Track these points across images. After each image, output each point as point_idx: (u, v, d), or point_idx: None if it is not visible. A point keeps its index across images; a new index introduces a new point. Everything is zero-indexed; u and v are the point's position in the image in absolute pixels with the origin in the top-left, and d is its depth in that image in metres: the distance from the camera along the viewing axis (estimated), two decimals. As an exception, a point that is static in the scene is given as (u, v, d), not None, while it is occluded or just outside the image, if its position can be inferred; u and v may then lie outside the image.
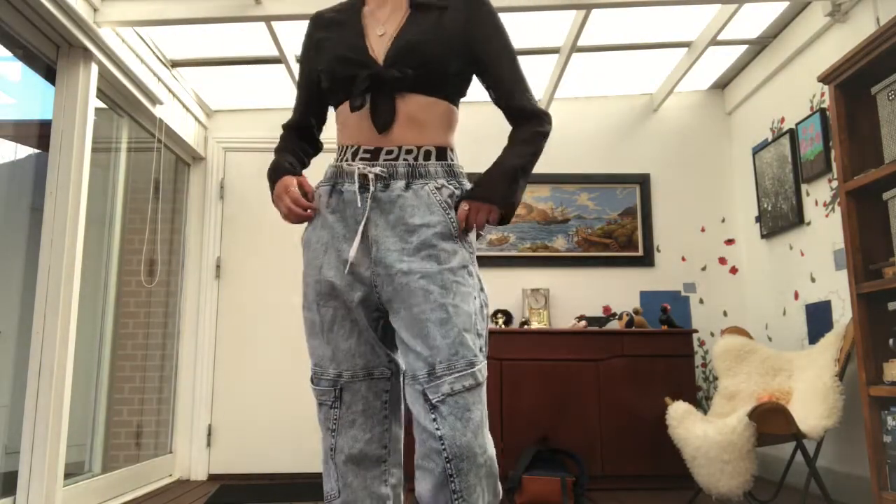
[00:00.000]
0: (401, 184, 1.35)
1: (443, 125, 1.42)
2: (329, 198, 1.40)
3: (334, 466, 1.37)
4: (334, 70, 1.40)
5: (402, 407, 1.45)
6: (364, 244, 1.34)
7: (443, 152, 1.41)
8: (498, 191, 1.37)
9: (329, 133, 1.60)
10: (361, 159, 1.37)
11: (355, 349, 1.36)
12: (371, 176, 1.33)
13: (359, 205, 1.34)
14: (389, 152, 1.36)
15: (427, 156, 1.38)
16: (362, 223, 1.32)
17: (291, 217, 1.44)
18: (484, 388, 1.31)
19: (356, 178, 1.35)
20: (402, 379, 1.43)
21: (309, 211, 1.43)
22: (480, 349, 1.31)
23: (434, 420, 1.24)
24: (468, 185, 1.43)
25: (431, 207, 1.34)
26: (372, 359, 1.38)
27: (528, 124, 1.48)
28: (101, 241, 3.51)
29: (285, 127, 1.64)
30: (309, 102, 1.57)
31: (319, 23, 1.51)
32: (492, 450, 1.27)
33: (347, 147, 1.42)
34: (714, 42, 3.70)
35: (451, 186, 1.38)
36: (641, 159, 4.46)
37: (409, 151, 1.37)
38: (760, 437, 2.72)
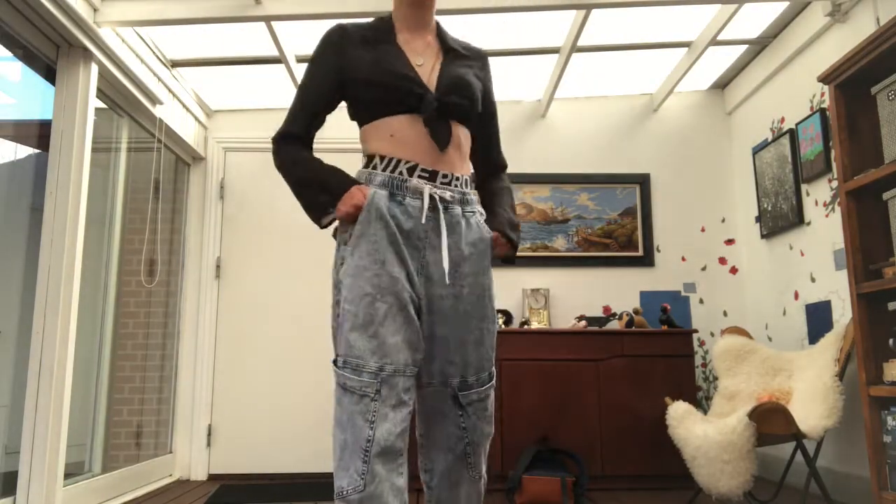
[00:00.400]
0: (458, 209, 1.49)
1: (468, 158, 1.59)
2: (388, 203, 1.45)
3: (362, 458, 1.33)
4: (393, 85, 1.47)
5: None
6: (421, 256, 1.45)
7: (472, 182, 1.58)
8: (517, 235, 1.60)
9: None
10: (419, 177, 1.46)
11: (401, 344, 1.40)
12: (437, 197, 1.45)
13: (423, 223, 1.44)
14: (445, 176, 1.48)
15: (467, 184, 1.54)
16: (444, 239, 1.43)
17: (349, 217, 1.47)
18: (493, 389, 1.58)
19: (425, 196, 1.44)
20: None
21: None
22: (493, 359, 1.56)
23: (461, 416, 1.50)
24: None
25: (482, 237, 1.51)
26: (411, 355, 1.42)
27: (502, 178, 1.71)
28: (101, 241, 3.51)
29: (289, 138, 1.65)
30: (317, 113, 1.62)
31: (348, 37, 1.56)
32: (492, 430, 1.59)
33: (401, 161, 1.47)
34: (714, 42, 3.70)
35: (482, 216, 1.56)
36: (641, 159, 4.46)
37: (457, 178, 1.51)
38: (760, 437, 2.72)
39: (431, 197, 1.44)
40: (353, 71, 1.52)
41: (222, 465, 4.11)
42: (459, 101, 1.48)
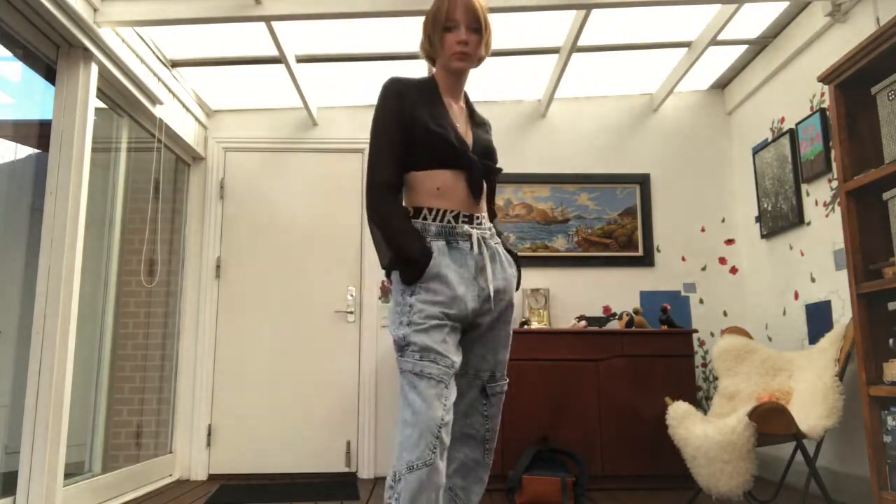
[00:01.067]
0: (492, 242, 1.82)
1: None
2: (447, 251, 1.75)
3: (432, 435, 1.58)
4: (450, 145, 1.74)
5: None
6: (477, 283, 1.77)
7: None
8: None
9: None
10: (463, 222, 1.77)
11: (458, 354, 1.73)
12: (479, 237, 1.78)
13: (475, 256, 1.77)
14: (478, 218, 1.80)
15: (488, 220, 1.85)
16: (488, 269, 1.77)
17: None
18: None
19: (474, 239, 1.77)
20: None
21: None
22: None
23: (484, 405, 1.83)
24: None
25: (510, 262, 1.87)
26: (459, 362, 1.73)
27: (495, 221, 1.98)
28: (101, 241, 3.51)
29: (388, 187, 1.78)
30: (401, 159, 1.78)
31: (406, 89, 1.80)
32: None
33: (448, 211, 1.77)
34: (714, 42, 3.70)
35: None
36: (641, 159, 4.46)
37: (485, 218, 1.84)
38: (760, 437, 2.72)
39: (478, 238, 1.78)
40: (416, 121, 1.75)
41: (222, 465, 4.11)
42: (493, 166, 1.83)
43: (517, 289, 1.90)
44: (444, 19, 1.79)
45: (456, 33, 1.79)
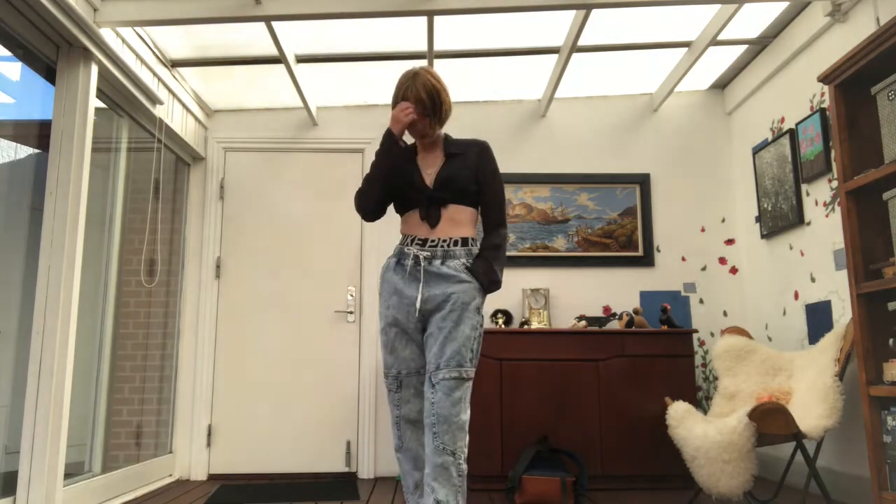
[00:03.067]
0: (438, 262, 2.19)
1: (470, 223, 2.28)
2: (395, 266, 2.23)
3: (398, 428, 2.19)
4: (409, 194, 2.25)
5: None
6: (413, 290, 2.18)
7: (466, 241, 2.24)
8: (486, 284, 2.25)
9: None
10: (415, 245, 2.21)
11: (409, 356, 2.19)
12: (421, 256, 2.19)
13: (412, 274, 2.19)
14: (433, 242, 2.20)
15: (455, 244, 2.21)
16: (420, 284, 2.17)
17: (405, 117, 2.19)
18: (469, 382, 2.12)
19: (411, 256, 2.20)
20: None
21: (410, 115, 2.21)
22: (470, 360, 2.13)
23: (431, 392, 2.10)
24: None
25: (457, 271, 2.18)
26: (419, 361, 2.20)
27: (498, 233, 2.30)
28: (101, 241, 3.51)
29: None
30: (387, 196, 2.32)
31: (404, 156, 2.28)
32: (462, 416, 2.07)
33: (408, 236, 2.24)
34: (714, 42, 3.70)
35: (468, 263, 2.22)
36: (641, 159, 4.46)
37: (444, 241, 2.20)
38: (760, 437, 2.72)
39: (415, 256, 2.19)
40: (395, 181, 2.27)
41: (222, 465, 4.11)
42: (441, 195, 2.21)
43: (486, 288, 2.21)
44: (399, 102, 2.25)
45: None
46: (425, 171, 2.27)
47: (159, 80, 3.73)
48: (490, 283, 2.21)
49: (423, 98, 2.22)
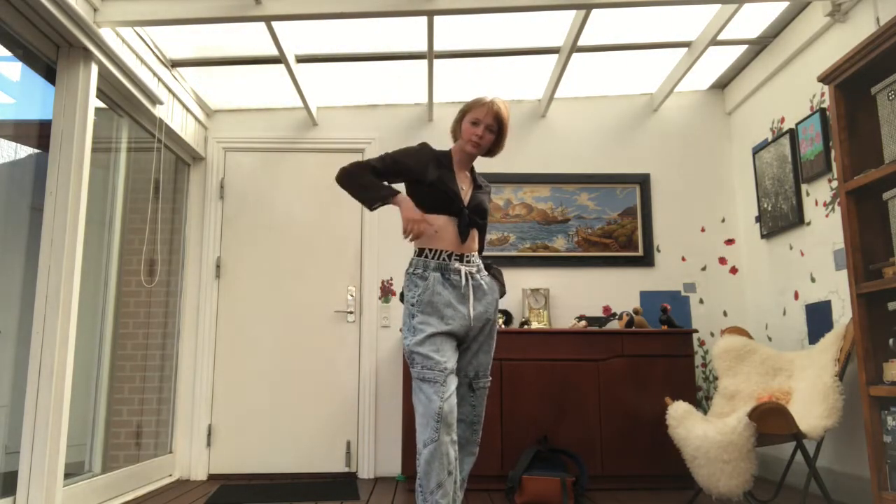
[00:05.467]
0: (478, 276, 2.39)
1: (478, 244, 2.49)
2: (443, 281, 2.32)
3: (434, 420, 2.14)
4: (449, 199, 2.35)
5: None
6: (465, 307, 2.34)
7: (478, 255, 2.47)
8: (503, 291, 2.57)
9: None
10: (455, 259, 2.34)
11: (453, 358, 2.27)
12: (467, 272, 2.35)
13: (463, 290, 2.33)
14: (467, 257, 2.37)
15: (476, 257, 2.41)
16: (471, 297, 2.34)
17: (418, 232, 2.29)
18: None
19: (463, 275, 2.34)
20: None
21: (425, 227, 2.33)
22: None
23: (472, 397, 2.38)
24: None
25: (492, 287, 2.43)
26: (456, 364, 2.31)
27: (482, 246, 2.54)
28: (101, 241, 3.51)
29: (356, 165, 2.41)
30: (377, 170, 2.38)
31: (433, 155, 2.43)
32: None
33: (442, 251, 2.34)
34: (714, 42, 3.70)
35: (488, 275, 2.46)
36: (641, 159, 4.46)
37: (473, 255, 2.40)
38: (760, 437, 2.72)
39: (466, 274, 2.34)
40: (430, 178, 2.36)
41: (222, 465, 4.11)
42: (479, 221, 2.42)
43: (501, 296, 2.48)
44: (473, 115, 2.39)
45: (477, 128, 2.39)
46: (461, 186, 2.42)
47: (159, 80, 3.73)
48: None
49: (501, 117, 2.40)
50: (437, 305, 2.28)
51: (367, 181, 2.36)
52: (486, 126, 2.39)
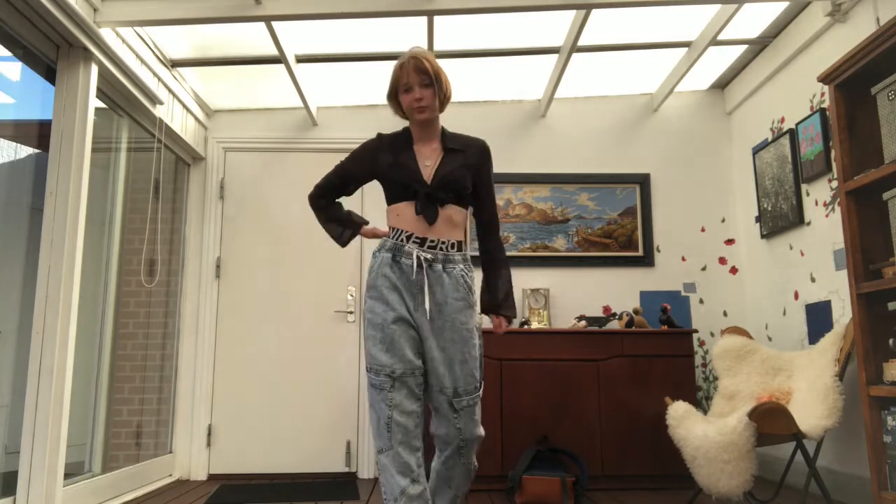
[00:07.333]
0: (439, 266, 2.08)
1: (463, 226, 2.18)
2: (392, 263, 2.09)
3: (387, 429, 2.00)
4: (402, 181, 2.11)
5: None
6: (415, 299, 2.07)
7: (460, 245, 2.15)
8: (513, 311, 2.32)
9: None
10: (414, 243, 2.08)
11: (408, 356, 2.05)
12: (423, 258, 2.07)
13: (413, 277, 2.06)
14: (432, 241, 2.09)
15: (452, 247, 2.12)
16: (426, 288, 2.05)
17: (373, 235, 2.28)
18: (480, 398, 2.10)
19: (414, 257, 2.06)
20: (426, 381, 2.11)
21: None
22: (481, 377, 2.12)
23: (455, 418, 2.05)
24: (472, 268, 2.19)
25: (458, 286, 2.09)
26: (416, 362, 2.06)
27: (496, 239, 2.30)
28: (101, 241, 3.51)
29: (320, 198, 2.40)
30: (342, 188, 2.34)
31: (381, 145, 2.23)
32: (481, 432, 2.10)
33: (402, 231, 2.11)
34: (714, 42, 3.70)
35: (466, 270, 2.14)
36: (641, 159, 4.46)
37: (443, 243, 2.10)
38: (760, 437, 2.72)
39: (417, 257, 2.06)
40: (381, 169, 2.19)
41: (222, 465, 4.11)
42: (444, 195, 2.10)
43: (507, 317, 2.26)
44: (399, 84, 2.14)
45: (411, 93, 2.12)
46: (423, 162, 2.16)
47: (159, 80, 3.73)
48: (514, 316, 2.33)
49: (426, 68, 2.10)
50: (381, 289, 2.08)
51: (323, 223, 2.36)
52: (419, 84, 2.11)
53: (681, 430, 3.07)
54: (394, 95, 2.19)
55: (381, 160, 2.19)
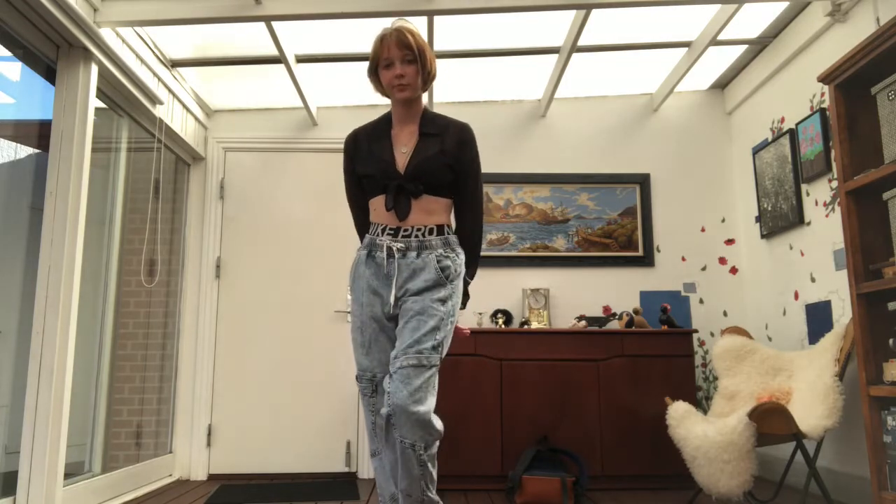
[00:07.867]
0: (413, 254, 2.00)
1: (444, 211, 2.07)
2: (367, 259, 2.05)
3: (374, 434, 2.06)
4: (373, 174, 2.03)
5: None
6: (388, 289, 2.00)
7: (441, 229, 2.04)
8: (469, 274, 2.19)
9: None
10: (387, 234, 2.01)
11: (385, 359, 2.00)
12: (394, 248, 1.99)
13: (385, 269, 1.99)
14: (406, 231, 2.00)
15: (430, 232, 2.02)
16: (395, 279, 1.98)
17: None
18: (433, 370, 1.91)
19: (384, 248, 2.00)
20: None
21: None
22: (433, 347, 1.91)
23: (390, 383, 1.90)
24: (459, 250, 2.08)
25: (430, 271, 1.99)
26: (382, 359, 2.03)
27: (472, 219, 2.13)
28: (101, 241, 3.51)
29: (354, 208, 2.26)
30: (357, 195, 2.19)
31: (357, 141, 2.12)
32: (420, 408, 1.85)
33: (378, 225, 2.04)
34: (714, 42, 3.70)
35: (446, 253, 2.03)
36: (641, 159, 4.46)
37: (419, 230, 2.01)
38: (760, 437, 2.72)
39: (388, 248, 2.00)
40: (358, 167, 2.10)
41: (222, 465, 4.11)
42: (414, 187, 1.99)
43: (463, 307, 2.13)
44: (380, 59, 2.01)
45: (392, 69, 1.99)
46: (399, 148, 2.03)
47: (159, 80, 3.73)
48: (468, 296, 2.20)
49: (410, 43, 1.96)
50: (356, 290, 2.05)
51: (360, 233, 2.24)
52: (400, 59, 1.96)
53: (681, 430, 3.07)
54: (374, 71, 2.04)
55: (363, 149, 2.08)
